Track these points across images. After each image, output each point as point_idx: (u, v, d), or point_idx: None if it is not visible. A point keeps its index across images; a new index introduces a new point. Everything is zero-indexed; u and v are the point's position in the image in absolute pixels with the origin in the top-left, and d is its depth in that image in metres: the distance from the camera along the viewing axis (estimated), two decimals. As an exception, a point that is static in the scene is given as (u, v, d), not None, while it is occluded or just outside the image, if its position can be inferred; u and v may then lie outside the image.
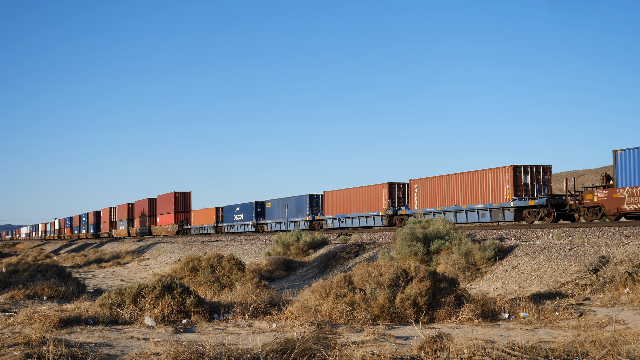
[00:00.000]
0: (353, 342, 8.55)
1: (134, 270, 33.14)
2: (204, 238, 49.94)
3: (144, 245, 48.44)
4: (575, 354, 7.47)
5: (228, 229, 57.87)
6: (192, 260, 16.30)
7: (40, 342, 8.31)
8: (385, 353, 7.59)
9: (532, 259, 15.47)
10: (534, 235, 20.01)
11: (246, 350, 7.59)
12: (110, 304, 10.97)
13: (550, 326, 9.83)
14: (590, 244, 15.51)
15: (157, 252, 41.40)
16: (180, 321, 10.66)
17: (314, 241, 26.88)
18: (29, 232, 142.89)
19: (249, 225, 54.12)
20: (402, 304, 10.43)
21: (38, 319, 10.28)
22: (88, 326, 10.18)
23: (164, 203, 68.33)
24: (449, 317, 10.54)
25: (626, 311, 10.81)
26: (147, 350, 7.96)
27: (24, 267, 18.88)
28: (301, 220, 46.52)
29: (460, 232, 17.91)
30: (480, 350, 7.35)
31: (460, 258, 16.20)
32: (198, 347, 7.52)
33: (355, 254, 22.60)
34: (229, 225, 57.82)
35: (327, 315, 10.64)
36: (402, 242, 17.37)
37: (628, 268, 12.91)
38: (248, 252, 29.97)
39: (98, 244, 64.11)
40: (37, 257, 44.30)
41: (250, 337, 9.22)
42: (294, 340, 7.68)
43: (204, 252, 32.66)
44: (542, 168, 30.03)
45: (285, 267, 23.53)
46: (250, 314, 11.08)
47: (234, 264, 15.90)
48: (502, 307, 10.90)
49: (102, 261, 39.98)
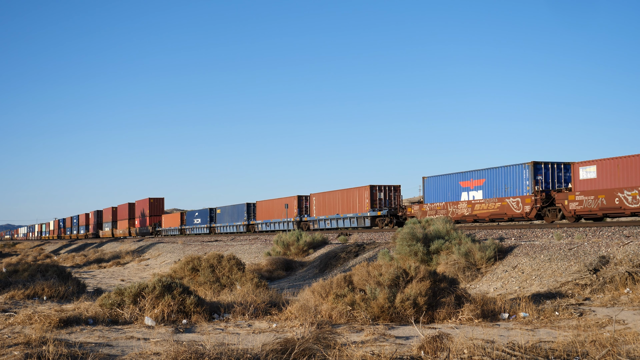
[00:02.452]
0: (353, 342, 8.55)
1: (134, 270, 33.14)
2: (204, 238, 50.04)
3: (144, 245, 48.45)
4: (575, 354, 7.47)
5: (189, 230, 66.17)
6: (192, 260, 16.30)
7: (40, 342, 8.31)
8: (385, 353, 7.59)
9: (532, 259, 15.47)
10: (534, 235, 20.01)
11: (246, 350, 7.59)
12: (110, 304, 10.97)
13: (550, 326, 9.83)
14: (590, 244, 15.51)
15: (157, 252, 41.41)
16: (180, 321, 10.66)
17: (314, 241, 26.89)
18: (26, 233, 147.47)
19: (205, 228, 62.79)
20: (402, 304, 10.43)
21: (38, 319, 10.28)
22: (88, 326, 10.18)
23: (140, 207, 75.67)
24: (449, 317, 10.54)
25: (626, 311, 10.81)
26: (147, 350, 7.96)
27: (24, 267, 18.87)
28: (240, 224, 56.12)
29: (460, 232, 17.92)
30: (480, 350, 7.35)
31: (460, 258, 16.20)
32: (198, 347, 7.52)
33: (355, 254, 22.60)
34: (190, 228, 66.18)
35: (327, 315, 10.64)
36: (402, 242, 17.37)
37: (628, 268, 12.91)
38: (248, 252, 29.98)
39: (98, 244, 64.14)
40: (37, 257, 44.31)
41: (250, 337, 9.22)
42: (294, 340, 7.68)
43: (204, 252, 32.67)
44: (393, 187, 39.96)
45: (285, 267, 23.53)
46: (250, 314, 11.08)
47: (234, 264, 15.90)
48: (502, 307, 10.90)
49: (102, 261, 39.98)
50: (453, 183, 34.21)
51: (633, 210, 25.31)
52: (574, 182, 27.42)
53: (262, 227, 52.57)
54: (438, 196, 35.19)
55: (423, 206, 35.70)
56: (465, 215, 32.87)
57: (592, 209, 26.56)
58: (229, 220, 58.47)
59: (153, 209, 73.12)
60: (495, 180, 31.50)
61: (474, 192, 32.66)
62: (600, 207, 26.15)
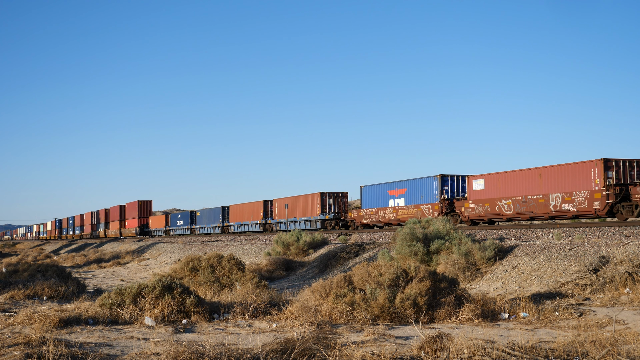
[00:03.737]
0: (353, 342, 8.55)
1: (134, 270, 33.14)
2: (204, 238, 50.07)
3: (144, 245, 48.45)
4: (575, 354, 7.47)
5: (173, 232, 70.99)
6: (192, 260, 16.30)
7: (40, 342, 8.31)
8: (385, 353, 7.59)
9: (532, 259, 15.47)
10: (533, 235, 20.01)
11: (246, 350, 7.59)
12: (110, 304, 10.97)
13: (550, 326, 9.83)
14: (590, 244, 15.51)
15: (157, 252, 41.42)
16: (180, 321, 10.66)
17: (314, 241, 26.89)
18: (24, 233, 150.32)
19: (186, 229, 67.89)
20: (402, 304, 10.42)
21: (38, 319, 10.28)
22: (88, 326, 10.18)
23: (130, 209, 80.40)
24: (449, 317, 10.54)
25: (626, 311, 10.81)
26: (147, 350, 7.96)
27: (24, 267, 18.87)
28: (216, 225, 61.12)
29: (460, 232, 17.91)
30: (480, 350, 7.35)
31: (460, 258, 16.19)
32: (198, 347, 7.52)
33: (355, 254, 22.61)
34: (173, 229, 71.06)
35: (327, 315, 10.64)
36: (402, 242, 17.37)
37: (628, 268, 12.91)
38: (248, 252, 29.98)
39: (98, 244, 64.16)
40: (37, 257, 44.31)
41: (250, 337, 9.22)
42: (294, 340, 7.68)
43: (204, 252, 32.67)
44: (341, 194, 45.44)
45: (285, 267, 23.53)
46: (250, 314, 11.08)
47: (234, 264, 15.89)
48: (502, 307, 10.90)
49: (102, 261, 39.99)
50: (383, 192, 39.25)
51: (508, 216, 29.88)
52: (469, 193, 32.47)
53: (235, 229, 57.62)
54: (372, 202, 40.08)
55: (360, 211, 40.96)
56: (391, 219, 37.88)
57: (480, 215, 31.15)
58: (207, 222, 63.48)
59: (142, 211, 77.58)
60: (414, 190, 36.49)
61: (398, 199, 37.96)
62: (486, 213, 30.85)
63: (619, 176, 25.81)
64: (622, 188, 25.36)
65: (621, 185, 25.55)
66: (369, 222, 39.84)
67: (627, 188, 25.38)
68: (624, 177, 25.93)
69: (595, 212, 25.96)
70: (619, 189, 25.30)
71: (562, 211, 27.18)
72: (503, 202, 30.12)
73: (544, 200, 28.04)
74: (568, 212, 27.07)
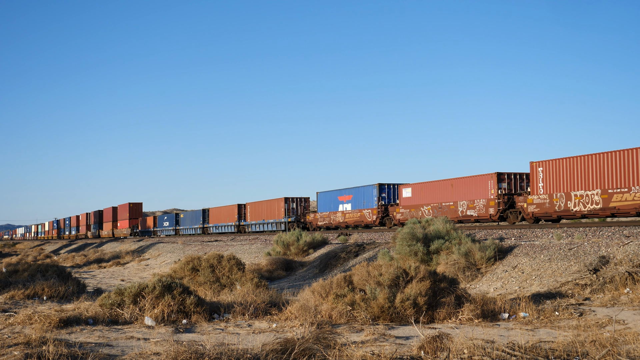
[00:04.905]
0: (353, 342, 8.55)
1: (134, 270, 33.14)
2: (204, 238, 50.10)
3: (144, 245, 48.47)
4: (575, 354, 7.47)
5: (160, 232, 75.15)
6: (192, 260, 16.30)
7: (40, 342, 8.31)
8: (385, 353, 7.59)
9: (532, 259, 15.47)
10: (534, 235, 20.01)
11: (246, 350, 7.59)
12: (110, 304, 10.97)
13: (550, 326, 9.83)
14: (590, 244, 15.51)
15: (157, 252, 41.42)
16: (180, 321, 10.66)
17: (314, 241, 26.88)
18: (23, 233, 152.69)
19: (172, 230, 71.81)
20: (402, 304, 10.43)
21: (38, 319, 10.28)
22: (88, 326, 10.19)
23: (122, 211, 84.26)
24: (449, 317, 10.54)
25: (626, 311, 10.81)
26: (147, 350, 7.96)
27: (24, 267, 18.87)
28: (197, 227, 65.27)
29: (460, 232, 17.91)
30: (480, 350, 7.35)
31: (460, 258, 16.19)
32: (198, 347, 7.52)
33: (355, 253, 22.60)
34: (160, 230, 75.19)
35: (327, 315, 10.64)
36: (402, 242, 17.37)
37: (628, 268, 12.91)
38: (248, 252, 29.98)
39: (98, 244, 64.17)
40: (37, 257, 44.29)
41: (250, 337, 9.22)
42: (294, 340, 7.68)
43: (204, 252, 32.67)
44: (303, 199, 49.55)
45: (285, 267, 23.52)
46: (250, 314, 11.08)
47: (234, 264, 15.89)
48: (502, 307, 10.90)
49: (102, 261, 39.98)
50: (334, 197, 44.09)
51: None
52: (400, 199, 37.32)
53: (213, 230, 61.56)
54: (326, 207, 45.03)
55: (316, 215, 46.14)
56: (340, 222, 42.73)
57: (407, 218, 33.64)
58: (190, 223, 67.72)
59: (132, 213, 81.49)
60: (359, 196, 41.13)
61: (346, 204, 42.82)
62: (412, 217, 32.87)
63: (510, 187, 30.80)
64: (509, 197, 30.36)
65: (510, 194, 30.47)
66: (323, 225, 44.71)
67: (513, 197, 30.15)
68: (515, 188, 30.86)
69: (490, 217, 30.75)
70: (507, 198, 30.37)
71: (467, 216, 32.12)
72: (425, 207, 35.15)
73: (454, 206, 33.04)
74: (471, 217, 31.94)
